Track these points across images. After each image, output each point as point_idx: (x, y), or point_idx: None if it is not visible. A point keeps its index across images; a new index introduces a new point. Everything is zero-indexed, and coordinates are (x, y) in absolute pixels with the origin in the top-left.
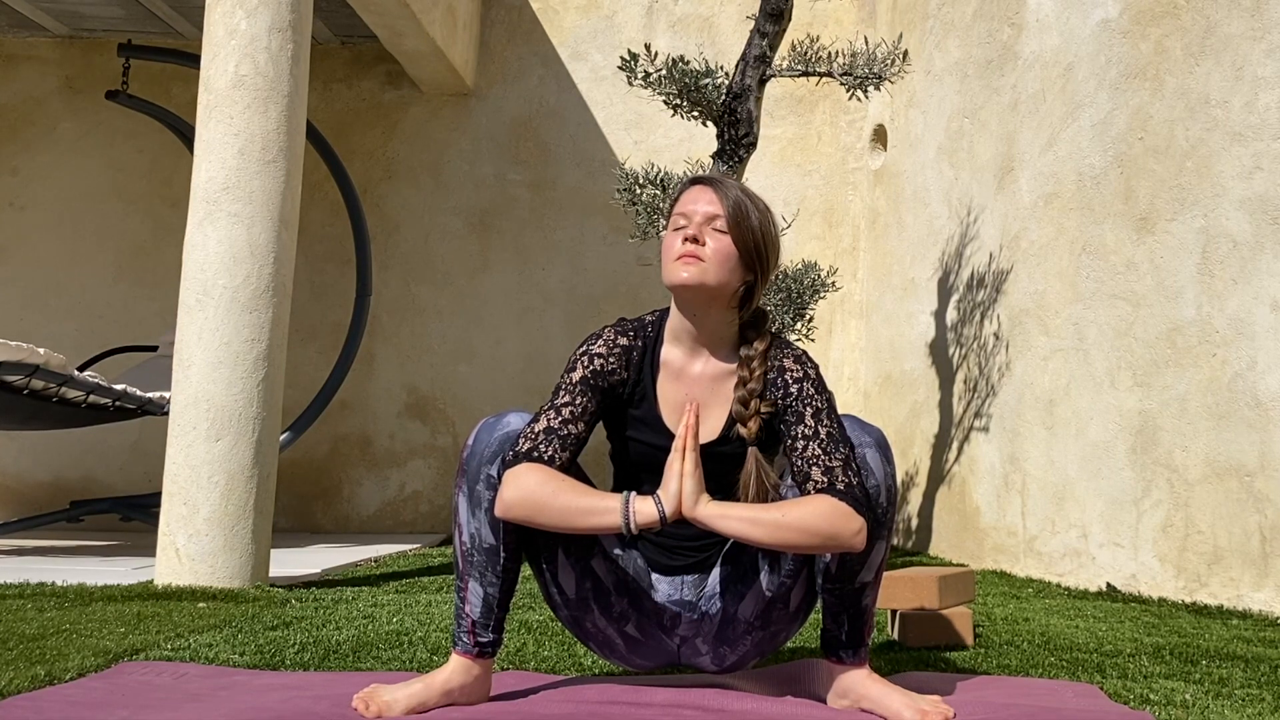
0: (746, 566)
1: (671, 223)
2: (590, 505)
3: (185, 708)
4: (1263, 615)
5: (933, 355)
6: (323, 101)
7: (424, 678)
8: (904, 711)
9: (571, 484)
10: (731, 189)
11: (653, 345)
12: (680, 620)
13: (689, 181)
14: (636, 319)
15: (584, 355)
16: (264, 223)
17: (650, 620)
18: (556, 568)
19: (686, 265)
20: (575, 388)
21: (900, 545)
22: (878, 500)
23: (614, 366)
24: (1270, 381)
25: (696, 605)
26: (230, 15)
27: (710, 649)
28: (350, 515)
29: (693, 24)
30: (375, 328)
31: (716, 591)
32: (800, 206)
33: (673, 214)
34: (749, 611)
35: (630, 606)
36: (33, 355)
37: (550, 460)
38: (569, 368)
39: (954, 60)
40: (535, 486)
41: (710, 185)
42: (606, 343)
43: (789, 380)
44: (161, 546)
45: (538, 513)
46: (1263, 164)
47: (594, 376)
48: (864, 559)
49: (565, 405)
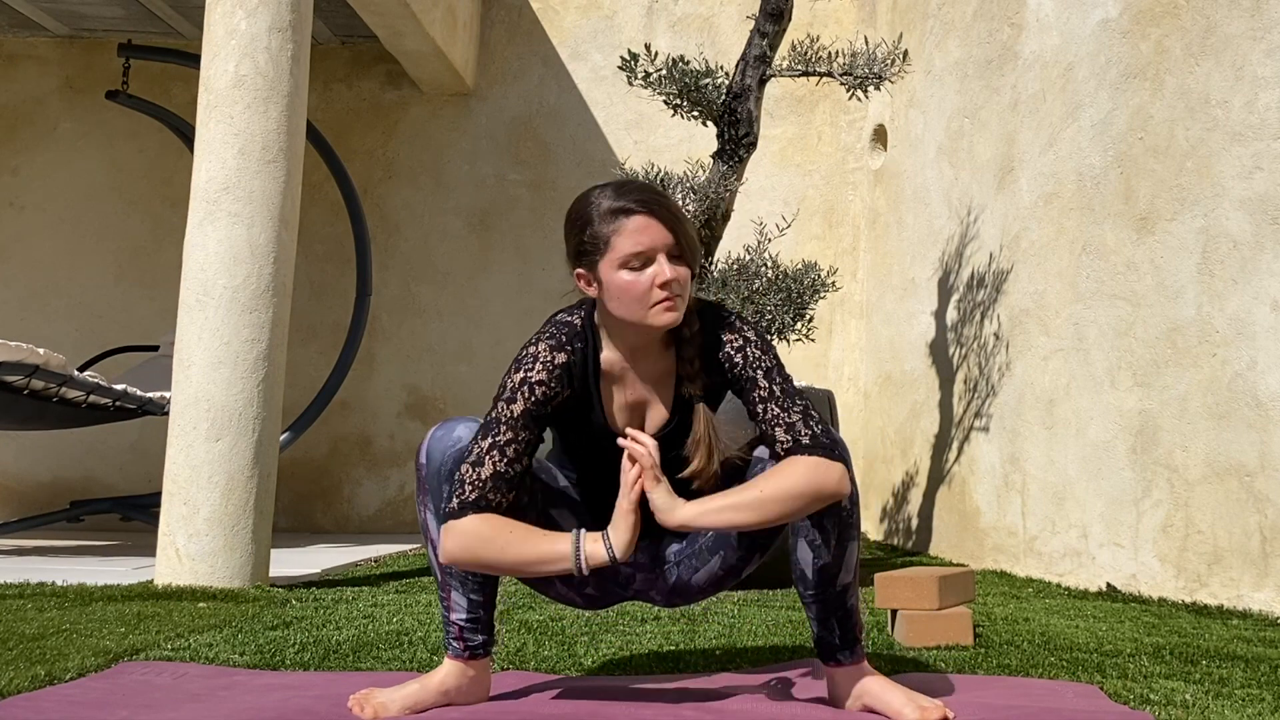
0: (701, 548)
1: (622, 259)
2: (541, 555)
3: (185, 708)
4: (1263, 615)
5: (933, 355)
6: (323, 101)
7: (420, 679)
8: (905, 709)
9: (520, 534)
10: (666, 206)
11: (591, 352)
12: (635, 579)
13: (621, 211)
14: (565, 322)
15: (523, 386)
16: (264, 223)
17: (608, 581)
18: None
19: (669, 311)
20: (517, 421)
21: (900, 545)
22: (841, 504)
23: (555, 389)
24: (1270, 381)
25: (651, 569)
26: (230, 15)
27: (664, 599)
28: (350, 515)
29: (693, 24)
30: (375, 328)
31: (671, 562)
32: (800, 206)
33: (614, 246)
34: (702, 580)
35: (589, 574)
36: (33, 355)
37: (498, 507)
38: (507, 396)
39: (954, 60)
40: (482, 544)
41: (653, 214)
42: (544, 366)
43: (731, 352)
44: (161, 546)
45: (487, 567)
46: (1263, 164)
47: (536, 406)
48: (840, 562)
49: (509, 444)
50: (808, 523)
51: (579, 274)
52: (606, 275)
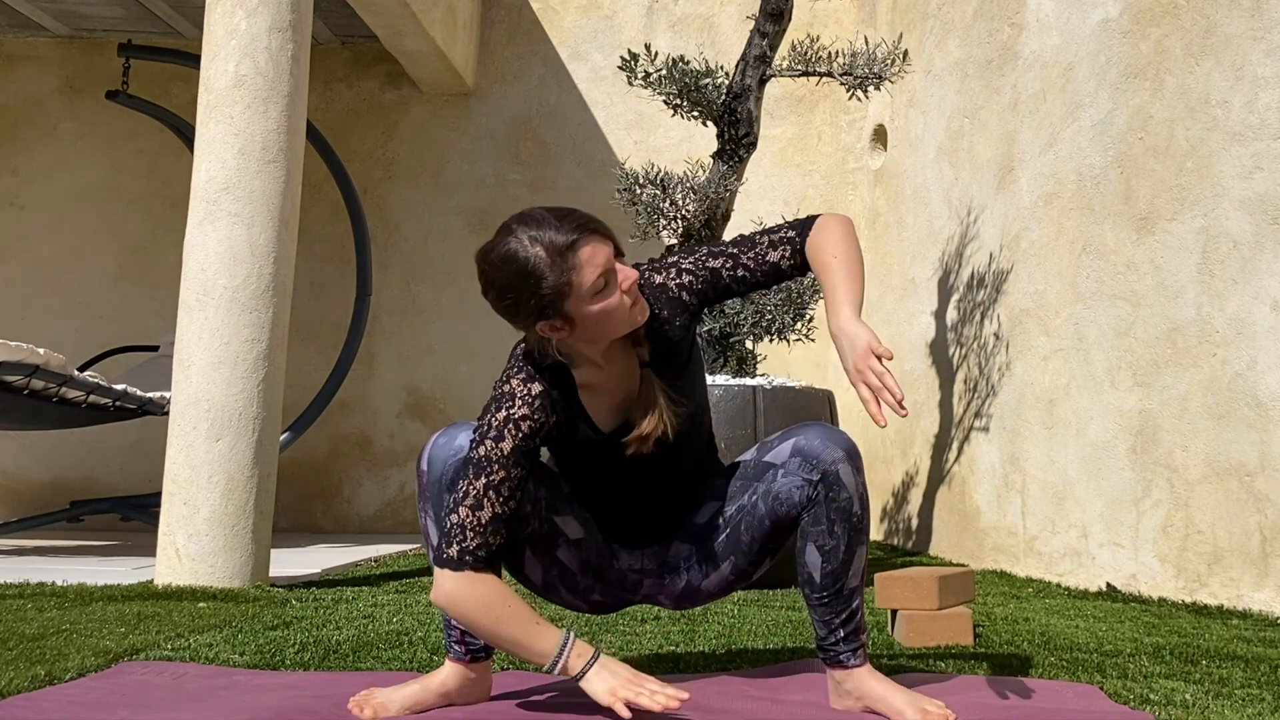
0: (712, 552)
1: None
2: (527, 645)
3: (185, 708)
4: (1263, 615)
5: (933, 355)
6: (323, 101)
7: (420, 679)
8: (906, 710)
9: (516, 615)
10: (588, 217)
11: (565, 376)
12: (642, 584)
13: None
14: (528, 353)
15: (508, 424)
16: (264, 223)
17: (614, 586)
18: (523, 562)
19: (637, 308)
20: (508, 459)
21: (900, 545)
22: (853, 510)
23: (541, 421)
24: (1270, 381)
25: (659, 573)
26: (230, 15)
27: (672, 602)
28: (350, 515)
29: (693, 24)
30: (375, 328)
31: (680, 567)
32: (800, 206)
33: (578, 284)
34: (712, 585)
35: (595, 580)
36: (33, 355)
37: (498, 549)
38: (494, 434)
39: (954, 60)
40: (480, 609)
41: (592, 233)
42: (525, 401)
43: (677, 287)
44: (161, 546)
45: (471, 628)
46: (1263, 164)
47: (524, 441)
48: (848, 567)
49: (503, 482)
50: (820, 527)
51: (548, 326)
52: (579, 312)
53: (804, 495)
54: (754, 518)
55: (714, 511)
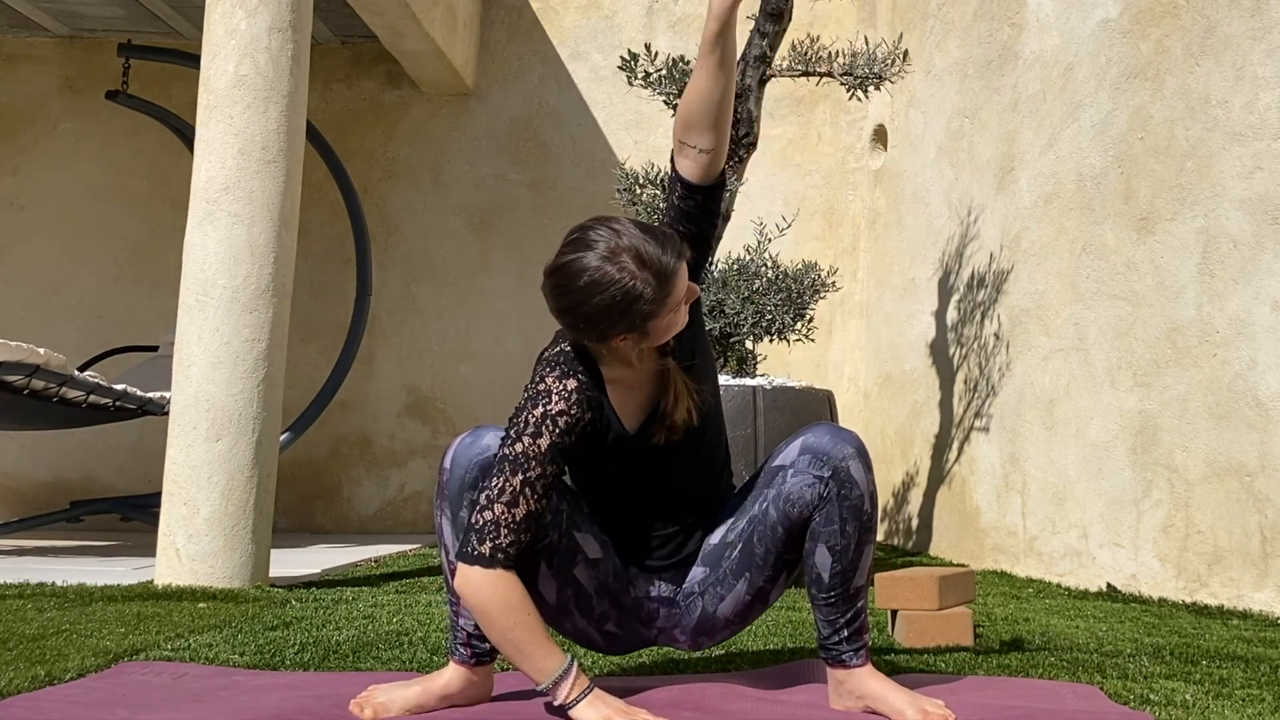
0: (726, 572)
1: (675, 306)
2: (529, 657)
3: (185, 708)
4: (1263, 615)
5: (933, 355)
6: (323, 101)
7: (422, 680)
8: (906, 710)
9: (532, 623)
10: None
11: (593, 372)
12: (658, 615)
13: (672, 273)
14: (559, 353)
15: (545, 420)
16: (264, 223)
17: (629, 616)
18: (538, 576)
19: (685, 315)
20: (545, 456)
21: (900, 545)
22: (864, 508)
23: (576, 415)
24: (1270, 381)
25: (675, 602)
26: (230, 15)
27: (689, 638)
28: (350, 515)
29: (693, 24)
30: (375, 328)
31: (695, 593)
32: (800, 206)
33: (670, 303)
34: (728, 610)
35: (611, 607)
36: (33, 355)
37: (527, 547)
38: (531, 431)
39: (954, 60)
40: (501, 610)
41: (679, 258)
42: (561, 396)
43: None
44: (161, 546)
45: (485, 626)
46: (1263, 164)
47: (560, 438)
48: (856, 566)
49: (539, 479)
50: (832, 527)
51: (624, 339)
52: (656, 326)
53: (815, 493)
54: (765, 526)
55: (726, 529)
